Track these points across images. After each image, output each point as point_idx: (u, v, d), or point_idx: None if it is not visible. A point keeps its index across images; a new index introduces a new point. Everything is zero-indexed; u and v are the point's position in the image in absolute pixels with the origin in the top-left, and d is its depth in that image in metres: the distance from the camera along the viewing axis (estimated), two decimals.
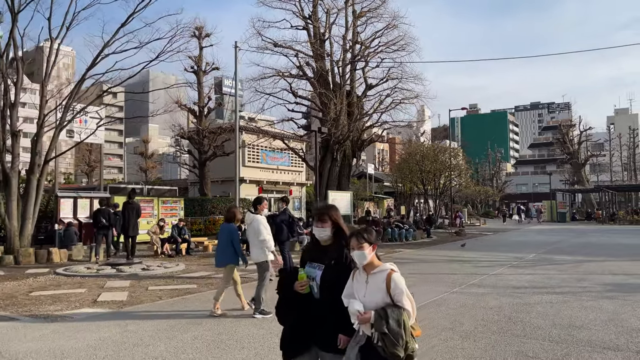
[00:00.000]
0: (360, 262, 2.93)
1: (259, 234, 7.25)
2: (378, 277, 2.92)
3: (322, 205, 3.88)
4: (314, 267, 3.17)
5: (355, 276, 3.00)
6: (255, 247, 7.38)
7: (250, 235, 7.46)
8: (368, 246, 2.95)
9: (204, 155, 28.70)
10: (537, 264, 13.62)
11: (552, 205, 47.67)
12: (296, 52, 23.47)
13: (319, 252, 3.23)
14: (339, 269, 3.07)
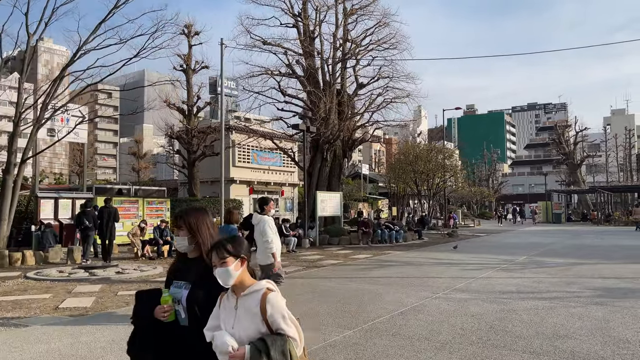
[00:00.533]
0: (224, 282, 2.29)
1: (264, 234, 7.07)
2: (250, 300, 2.27)
3: (182, 208, 3.05)
4: (180, 286, 2.54)
5: (222, 302, 2.36)
6: (261, 249, 7.22)
7: (256, 237, 7.29)
8: (234, 260, 2.31)
9: (193, 155, 28.25)
10: (527, 267, 13.20)
11: (548, 206, 47.34)
12: (285, 50, 23.03)
13: (185, 268, 2.61)
14: (209, 286, 2.41)
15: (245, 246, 2.41)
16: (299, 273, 12.46)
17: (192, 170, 28.50)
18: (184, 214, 2.65)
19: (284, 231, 17.90)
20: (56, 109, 16.57)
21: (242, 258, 2.34)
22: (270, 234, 7.10)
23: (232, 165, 30.77)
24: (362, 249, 18.92)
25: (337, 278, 11.47)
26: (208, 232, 2.60)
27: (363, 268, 13.33)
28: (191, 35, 28.66)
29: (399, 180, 33.43)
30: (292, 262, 14.89)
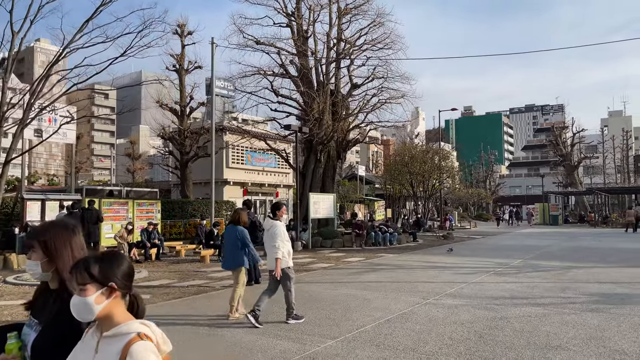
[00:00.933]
0: (80, 317, 1.71)
1: (272, 239, 7.02)
2: (112, 346, 1.66)
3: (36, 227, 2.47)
4: (32, 325, 1.99)
5: (85, 338, 1.78)
6: (272, 254, 7.12)
7: (266, 241, 7.22)
8: (97, 289, 1.70)
9: (185, 157, 27.90)
10: (522, 271, 12.89)
11: (545, 207, 47.06)
12: (278, 50, 22.72)
13: (43, 302, 2.05)
14: (56, 331, 1.88)
15: (123, 270, 1.79)
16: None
17: (185, 172, 28.16)
18: (38, 232, 2.09)
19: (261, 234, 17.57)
20: (41, 108, 16.16)
21: (111, 287, 1.72)
22: (278, 239, 7.02)
23: (226, 167, 30.45)
24: (355, 252, 18.59)
25: (325, 283, 11.13)
26: (71, 255, 2.01)
27: (354, 272, 13.00)
28: (184, 35, 28.32)
29: (394, 182, 33.09)
30: None
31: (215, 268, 13.95)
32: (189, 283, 11.15)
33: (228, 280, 11.60)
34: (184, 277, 12.10)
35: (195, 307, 8.51)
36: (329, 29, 23.69)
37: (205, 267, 14.18)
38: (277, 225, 7.15)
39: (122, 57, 15.96)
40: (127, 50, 15.79)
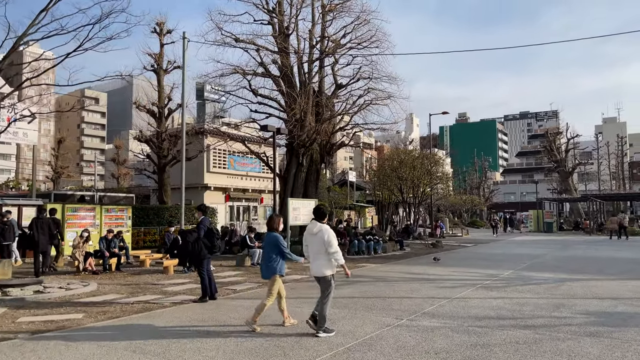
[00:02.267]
0: None
1: (329, 245, 6.67)
2: None
3: None
4: None
5: None
6: (319, 260, 6.79)
7: (314, 245, 6.86)
8: None
9: (163, 160, 26.65)
10: (512, 284, 11.69)
11: (539, 214, 46.00)
12: (257, 48, 21.52)
13: None
14: None
15: None
16: (251, 292, 10.88)
17: (163, 176, 26.89)
18: None
19: (247, 242, 16.35)
20: None
21: None
22: (335, 244, 6.75)
23: (206, 171, 29.25)
24: None
25: (291, 299, 9.88)
26: None
27: None
28: (163, 33, 27.17)
29: (383, 188, 31.91)
30: (252, 277, 13.31)
31: (176, 280, 12.69)
32: (136, 299, 9.88)
33: (183, 295, 10.37)
34: (135, 292, 10.83)
35: (129, 330, 7.25)
36: (312, 26, 22.58)
37: (165, 279, 12.91)
38: (328, 228, 6.78)
39: (80, 50, 14.76)
40: (85, 42, 14.60)
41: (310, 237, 6.92)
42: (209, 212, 25.19)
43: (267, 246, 7.24)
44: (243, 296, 10.23)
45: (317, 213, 7.02)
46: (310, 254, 6.92)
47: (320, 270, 6.79)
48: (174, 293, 10.72)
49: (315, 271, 6.83)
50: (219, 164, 29.97)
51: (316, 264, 6.83)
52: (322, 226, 6.81)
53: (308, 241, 6.99)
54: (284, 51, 21.54)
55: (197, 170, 28.88)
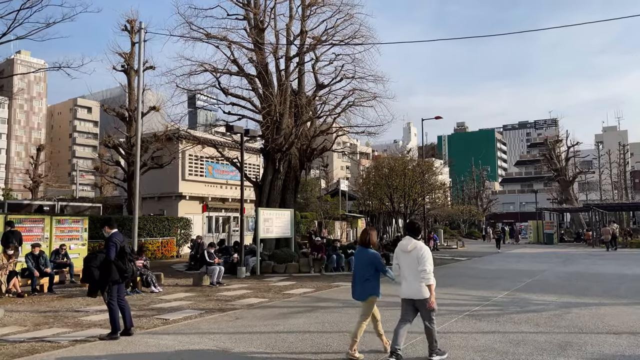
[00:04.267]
0: None
1: (423, 263, 6.15)
2: None
3: None
4: None
5: None
6: (417, 280, 6.21)
7: (409, 265, 6.29)
8: None
9: (132, 167, 24.64)
10: (506, 311, 9.69)
11: (539, 225, 43.99)
12: (229, 43, 19.62)
13: None
14: None
15: None
16: (187, 323, 8.87)
17: (132, 184, 24.85)
18: None
19: (206, 258, 14.34)
20: None
21: None
22: (428, 262, 6.19)
23: (181, 179, 27.28)
24: (310, 280, 15.35)
25: (225, 334, 7.89)
26: None
27: (284, 312, 9.75)
28: (134, 31, 25.33)
29: (372, 197, 29.95)
30: (202, 302, 11.31)
31: (100, 307, 10.61)
32: (34, 334, 7.89)
33: (99, 327, 8.37)
34: (42, 323, 8.83)
35: None
36: (289, 20, 20.74)
37: (95, 304, 10.85)
38: (424, 246, 6.28)
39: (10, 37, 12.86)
40: (14, 27, 12.72)
41: (404, 254, 6.34)
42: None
43: (361, 264, 6.60)
44: (171, 329, 8.22)
45: (411, 229, 6.49)
46: (404, 273, 6.34)
47: (419, 292, 6.16)
48: (89, 325, 8.74)
49: (412, 293, 6.23)
50: (196, 172, 28.00)
51: (412, 284, 6.23)
52: (417, 243, 6.27)
53: (401, 259, 6.39)
54: (259, 46, 19.65)
55: (170, 178, 26.93)
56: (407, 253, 6.27)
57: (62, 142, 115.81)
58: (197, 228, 27.74)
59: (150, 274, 12.98)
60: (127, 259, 7.68)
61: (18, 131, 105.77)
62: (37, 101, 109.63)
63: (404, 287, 6.36)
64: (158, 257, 23.49)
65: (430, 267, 6.17)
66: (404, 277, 6.35)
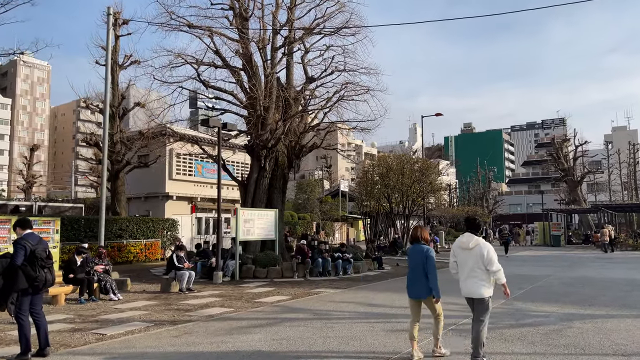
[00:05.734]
0: None
1: (489, 262, 5.90)
2: None
3: None
4: None
5: None
6: (476, 279, 5.97)
7: (468, 262, 6.03)
8: None
9: (116, 166, 23.59)
10: (499, 325, 8.41)
11: (545, 227, 42.47)
12: (210, 33, 18.43)
13: None
14: None
15: None
16: (128, 339, 7.67)
17: (116, 184, 23.80)
18: None
19: (174, 263, 13.15)
20: None
21: None
22: (496, 260, 6.02)
23: (168, 178, 26.15)
24: (290, 286, 14.11)
25: (154, 357, 6.69)
26: None
27: (243, 326, 8.54)
28: (118, 24, 24.28)
29: (369, 197, 28.68)
30: (158, 311, 10.13)
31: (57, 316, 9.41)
32: None
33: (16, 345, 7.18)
34: None
35: None
36: (275, 8, 19.56)
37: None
38: (487, 244, 6.10)
39: None
40: None
41: (464, 252, 6.13)
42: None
43: (417, 260, 6.45)
44: (101, 348, 7.02)
45: (471, 225, 6.35)
46: (463, 272, 6.13)
47: (478, 290, 5.97)
48: (13, 341, 7.55)
49: (471, 291, 6.04)
50: (184, 171, 26.86)
51: (472, 283, 6.02)
52: (479, 240, 6.08)
53: (460, 257, 6.21)
54: (242, 36, 18.47)
55: (157, 178, 25.81)
56: (468, 250, 6.06)
57: (66, 144, 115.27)
58: (185, 230, 26.62)
59: (109, 280, 11.82)
60: (39, 264, 6.48)
61: (21, 132, 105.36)
62: (40, 102, 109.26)
63: (463, 286, 6.16)
64: (141, 259, 22.39)
65: (499, 266, 6.01)
66: (463, 275, 6.14)
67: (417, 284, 6.44)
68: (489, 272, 5.95)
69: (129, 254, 22.01)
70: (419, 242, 6.55)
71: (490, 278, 5.99)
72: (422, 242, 6.54)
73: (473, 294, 6.03)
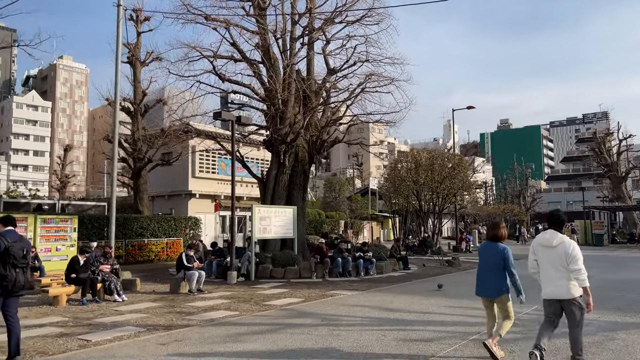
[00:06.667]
0: None
1: (574, 260, 5.52)
2: None
3: None
4: None
5: None
6: (562, 279, 5.58)
7: (552, 261, 5.65)
8: None
9: (138, 164, 23.36)
10: (528, 335, 7.36)
11: (586, 225, 40.34)
12: (227, 24, 17.80)
13: None
14: None
15: None
16: (117, 345, 7.03)
17: (138, 182, 23.58)
18: None
19: (183, 262, 12.55)
20: None
21: None
22: (580, 260, 5.56)
23: (191, 176, 25.76)
24: (307, 287, 13.32)
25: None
26: None
27: (242, 332, 7.79)
28: (140, 21, 24.05)
29: (398, 195, 27.62)
30: (160, 313, 9.52)
31: (51, 318, 8.93)
32: None
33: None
34: None
35: None
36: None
37: (28, 317, 9.23)
38: (572, 241, 5.66)
39: None
40: None
41: (546, 250, 5.77)
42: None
43: (492, 259, 6.24)
44: (79, 357, 6.39)
45: (554, 220, 5.89)
46: (547, 271, 5.76)
47: (566, 291, 5.57)
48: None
49: (558, 292, 5.63)
50: (207, 168, 26.44)
51: (558, 283, 5.63)
52: (564, 237, 5.71)
53: (541, 255, 5.84)
54: (260, 26, 17.79)
55: (181, 176, 25.48)
56: (552, 248, 5.68)
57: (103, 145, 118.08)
58: (209, 228, 26.21)
59: (114, 281, 11.29)
60: (11, 263, 5.88)
61: (61, 134, 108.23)
62: (78, 105, 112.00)
63: (546, 287, 5.78)
64: (162, 258, 22.05)
65: (583, 266, 5.59)
66: (546, 276, 5.78)
67: (487, 283, 6.25)
68: (571, 272, 5.54)
69: (150, 252, 21.69)
70: (499, 240, 6.31)
71: (579, 277, 5.55)
72: (501, 241, 6.32)
73: (561, 295, 5.62)
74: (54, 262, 15.92)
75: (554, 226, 5.88)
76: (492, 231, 6.46)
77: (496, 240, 6.34)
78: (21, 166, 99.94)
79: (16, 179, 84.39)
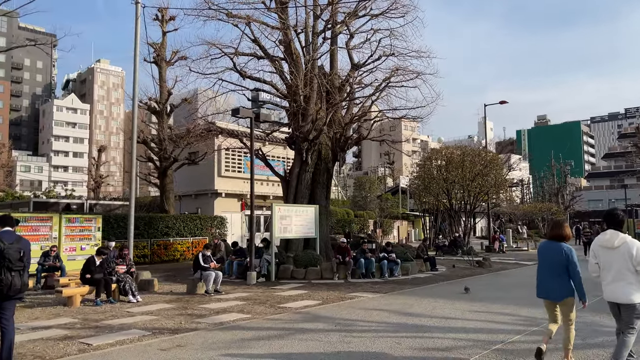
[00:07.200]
0: None
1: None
2: None
3: None
4: None
5: None
6: (623, 282, 5.23)
7: (614, 262, 5.32)
8: None
9: (164, 163, 23.40)
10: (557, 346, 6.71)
11: (629, 224, 38.41)
12: (248, 20, 17.52)
13: None
14: None
15: None
16: (116, 350, 6.76)
17: (164, 181, 23.61)
18: None
19: (200, 262, 12.29)
20: None
21: None
22: None
23: (218, 175, 25.70)
24: (327, 288, 12.87)
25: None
26: None
27: (249, 338, 7.41)
28: (165, 20, 24.08)
29: (428, 193, 26.84)
30: (171, 315, 9.25)
31: (61, 320, 8.77)
32: None
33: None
34: None
35: None
36: None
37: (39, 318, 9.10)
38: (635, 241, 5.30)
39: None
40: None
41: (607, 251, 5.45)
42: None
43: (555, 260, 5.90)
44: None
45: (613, 220, 5.52)
46: (608, 273, 5.42)
47: (627, 295, 5.23)
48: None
49: (617, 296, 5.29)
50: (233, 167, 26.32)
51: (619, 286, 5.29)
52: (626, 237, 5.38)
53: (602, 257, 5.51)
54: (281, 21, 17.42)
55: (207, 175, 25.44)
56: (613, 250, 5.37)
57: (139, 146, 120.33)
58: (235, 227, 26.09)
59: (129, 281, 11.11)
60: (5, 265, 5.65)
61: (98, 136, 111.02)
62: (115, 107, 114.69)
63: (607, 289, 5.46)
64: (188, 258, 21.99)
65: None
66: (607, 278, 5.45)
67: (549, 285, 5.97)
68: (638, 274, 5.21)
69: (175, 252, 21.68)
70: (562, 240, 5.96)
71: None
72: (564, 241, 5.95)
73: (620, 299, 5.29)
74: (78, 261, 15.95)
75: (614, 226, 5.52)
76: (555, 230, 6.09)
77: (559, 240, 5.98)
78: (61, 167, 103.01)
79: (57, 180, 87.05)
